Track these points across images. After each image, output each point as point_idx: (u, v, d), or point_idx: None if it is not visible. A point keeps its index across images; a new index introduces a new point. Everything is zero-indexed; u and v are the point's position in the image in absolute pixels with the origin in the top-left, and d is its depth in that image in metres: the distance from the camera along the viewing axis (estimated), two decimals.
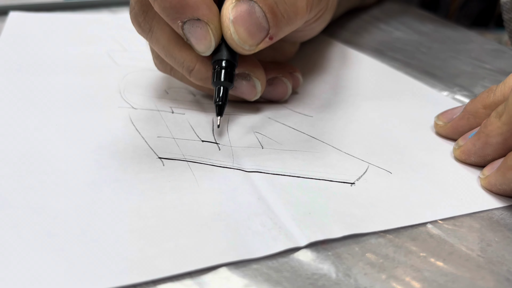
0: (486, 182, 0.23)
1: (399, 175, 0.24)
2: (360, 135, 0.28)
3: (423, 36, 0.51)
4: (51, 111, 0.27)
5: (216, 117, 0.25)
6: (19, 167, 0.22)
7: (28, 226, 0.18)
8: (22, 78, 0.32)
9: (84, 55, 0.37)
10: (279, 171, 0.23)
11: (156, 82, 0.33)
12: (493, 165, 0.24)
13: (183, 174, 0.22)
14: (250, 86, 0.27)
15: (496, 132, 0.23)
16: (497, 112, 0.24)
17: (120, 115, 0.28)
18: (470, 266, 0.17)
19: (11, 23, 0.43)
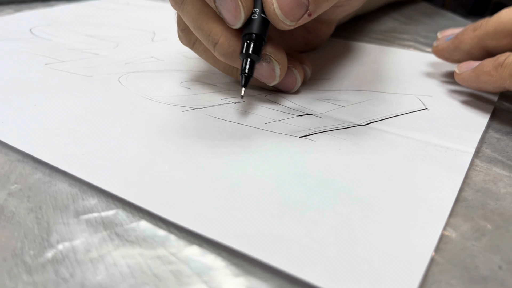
0: (460, 78, 0.28)
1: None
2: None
3: (419, 25, 0.51)
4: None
5: (240, 87, 0.25)
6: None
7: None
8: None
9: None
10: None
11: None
12: (468, 65, 0.28)
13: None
14: (269, 69, 0.26)
15: (466, 42, 0.29)
16: (474, 26, 0.29)
17: (193, 116, 0.26)
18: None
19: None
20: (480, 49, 0.29)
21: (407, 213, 0.18)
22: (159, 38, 0.41)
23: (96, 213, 0.18)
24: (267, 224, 0.17)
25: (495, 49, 0.28)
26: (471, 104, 0.28)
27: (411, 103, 0.28)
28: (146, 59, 0.36)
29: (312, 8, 0.24)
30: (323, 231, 0.17)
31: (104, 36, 0.41)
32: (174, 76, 0.32)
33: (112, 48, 0.37)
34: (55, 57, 0.35)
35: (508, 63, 0.25)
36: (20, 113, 0.25)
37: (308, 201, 0.19)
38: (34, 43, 0.38)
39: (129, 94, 0.28)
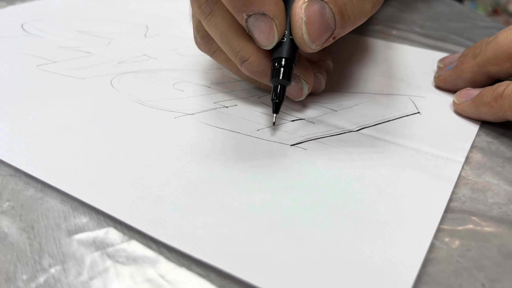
0: (460, 108, 0.27)
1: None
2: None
3: (415, 13, 0.50)
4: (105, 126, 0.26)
5: (272, 114, 0.25)
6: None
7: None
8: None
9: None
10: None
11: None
12: (466, 94, 0.27)
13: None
14: (297, 88, 0.26)
15: (468, 70, 0.28)
16: (473, 53, 0.28)
17: (185, 123, 0.26)
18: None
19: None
20: (483, 75, 0.28)
21: (395, 228, 0.19)
22: (152, 33, 0.40)
23: (88, 231, 0.19)
24: (256, 243, 0.18)
25: (498, 74, 0.27)
26: None
27: (404, 106, 0.28)
28: (138, 57, 0.35)
29: (338, 32, 0.24)
30: (311, 249, 0.18)
31: (97, 32, 0.40)
32: (167, 76, 0.32)
33: (105, 46, 0.37)
34: (47, 57, 0.35)
35: (507, 94, 0.24)
36: (12, 124, 0.25)
37: (298, 216, 0.19)
38: (25, 41, 0.37)
39: (121, 98, 0.28)
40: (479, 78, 0.28)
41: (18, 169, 0.22)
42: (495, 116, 0.25)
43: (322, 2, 0.23)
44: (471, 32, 0.44)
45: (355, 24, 0.24)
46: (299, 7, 0.23)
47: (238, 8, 0.23)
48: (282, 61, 0.24)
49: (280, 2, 0.23)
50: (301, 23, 0.23)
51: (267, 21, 0.23)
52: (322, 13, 0.23)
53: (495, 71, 0.27)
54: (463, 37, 0.42)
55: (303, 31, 0.23)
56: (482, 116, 0.26)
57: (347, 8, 0.23)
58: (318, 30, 0.23)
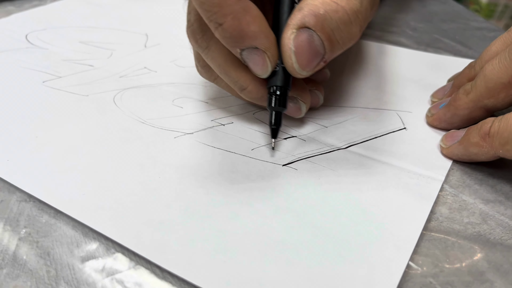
0: (449, 151, 0.27)
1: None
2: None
3: (410, 13, 0.51)
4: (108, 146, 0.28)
5: (271, 139, 0.27)
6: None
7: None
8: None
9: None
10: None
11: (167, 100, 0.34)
12: (453, 136, 0.27)
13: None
14: (296, 108, 0.28)
15: (463, 107, 0.28)
16: (465, 90, 0.28)
17: (184, 143, 0.28)
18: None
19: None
20: (480, 110, 0.27)
21: (376, 250, 0.21)
22: (152, 42, 0.42)
23: (99, 258, 0.21)
24: (250, 269, 0.20)
25: (495, 106, 0.27)
26: None
27: (391, 122, 0.30)
28: (139, 70, 0.37)
29: (328, 56, 0.25)
30: (297, 272, 0.20)
31: (98, 42, 0.42)
32: (166, 91, 0.33)
33: (107, 58, 0.39)
34: (52, 72, 0.36)
35: (494, 132, 0.24)
36: (24, 148, 0.27)
37: (287, 239, 0.21)
38: (30, 54, 0.39)
39: (124, 118, 0.30)
40: (477, 113, 0.27)
41: (32, 195, 0.24)
42: (487, 155, 0.25)
43: (310, 31, 0.24)
44: (462, 35, 0.45)
45: (345, 47, 0.25)
46: (288, 37, 0.24)
47: (232, 44, 0.24)
48: (278, 89, 0.25)
49: (270, 35, 0.24)
50: (291, 53, 0.24)
51: (259, 54, 0.24)
52: (311, 41, 0.24)
53: (491, 104, 0.27)
54: (455, 41, 0.44)
55: (293, 61, 0.24)
56: (473, 157, 0.26)
57: (335, 34, 0.24)
58: (308, 58, 0.24)
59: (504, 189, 0.25)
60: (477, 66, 0.30)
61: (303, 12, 0.24)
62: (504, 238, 0.22)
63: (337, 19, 0.24)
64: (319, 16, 0.23)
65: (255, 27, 0.23)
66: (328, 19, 0.23)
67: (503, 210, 0.24)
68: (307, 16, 0.23)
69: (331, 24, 0.24)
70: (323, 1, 0.24)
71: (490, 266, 0.20)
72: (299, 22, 0.24)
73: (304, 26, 0.24)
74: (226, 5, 0.23)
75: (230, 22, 0.23)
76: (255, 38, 0.24)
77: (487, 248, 0.21)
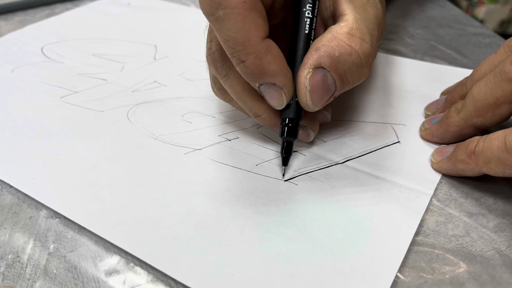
0: (438, 166, 0.29)
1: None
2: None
3: (408, 19, 0.52)
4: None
5: (281, 166, 0.29)
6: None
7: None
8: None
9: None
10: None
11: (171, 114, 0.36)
12: (442, 152, 0.29)
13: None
14: (305, 135, 0.30)
15: (454, 125, 0.30)
16: (456, 108, 0.30)
17: (194, 159, 0.30)
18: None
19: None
20: (470, 128, 0.29)
21: (368, 263, 0.23)
22: (161, 55, 0.44)
23: (120, 271, 0.23)
24: (254, 282, 0.22)
25: (483, 125, 0.29)
26: None
27: (386, 136, 0.32)
28: (150, 84, 0.39)
29: (337, 93, 0.27)
30: (297, 285, 0.22)
31: (110, 55, 0.44)
32: (176, 107, 0.36)
33: (119, 72, 0.41)
34: (68, 87, 0.38)
35: (479, 151, 0.26)
36: (47, 166, 0.29)
37: (288, 252, 0.24)
38: (47, 69, 0.41)
39: (138, 133, 0.33)
40: (466, 131, 0.30)
41: (57, 211, 0.26)
42: (473, 172, 0.27)
43: (325, 71, 0.26)
44: (458, 41, 0.47)
45: (353, 85, 0.27)
46: (304, 76, 0.26)
47: (252, 79, 0.26)
48: (289, 121, 0.27)
49: (288, 73, 0.26)
50: (306, 91, 0.26)
51: (277, 90, 0.26)
52: (324, 80, 0.26)
53: (480, 122, 0.29)
54: (450, 48, 0.45)
55: (307, 98, 0.26)
56: (461, 173, 0.28)
57: (346, 74, 0.26)
58: (321, 96, 0.26)
59: (488, 202, 0.27)
60: (468, 84, 0.32)
61: (319, 52, 0.25)
62: (484, 250, 0.24)
63: (350, 62, 0.26)
64: (334, 58, 0.25)
65: (275, 66, 0.25)
66: (342, 61, 0.25)
67: (485, 222, 0.26)
68: (323, 57, 0.25)
69: (344, 66, 0.26)
70: (338, 44, 0.25)
71: (470, 277, 0.23)
72: (315, 63, 0.25)
73: (320, 66, 0.25)
74: (249, 45, 0.24)
75: (252, 60, 0.24)
76: (275, 76, 0.25)
77: (468, 260, 0.24)
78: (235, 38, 0.24)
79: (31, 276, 0.23)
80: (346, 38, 0.25)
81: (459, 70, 0.41)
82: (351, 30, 0.26)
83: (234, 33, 0.24)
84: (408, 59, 0.43)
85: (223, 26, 0.24)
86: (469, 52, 0.44)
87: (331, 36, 0.26)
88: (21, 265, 0.24)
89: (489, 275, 0.23)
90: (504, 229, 0.25)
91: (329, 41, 0.26)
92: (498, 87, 0.28)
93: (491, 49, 0.45)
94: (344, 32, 0.26)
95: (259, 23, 0.24)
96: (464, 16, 0.53)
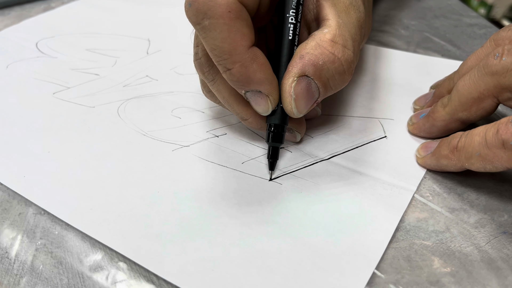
0: (423, 161, 0.29)
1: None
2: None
3: (404, 10, 0.52)
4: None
5: (268, 170, 0.29)
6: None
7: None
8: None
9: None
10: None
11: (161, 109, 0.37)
12: (427, 147, 0.29)
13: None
14: (291, 137, 0.31)
15: (440, 119, 0.30)
16: (442, 103, 0.30)
17: (181, 156, 0.30)
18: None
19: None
20: (455, 122, 0.30)
21: (346, 260, 0.23)
22: (153, 49, 0.44)
23: (104, 267, 0.24)
24: (234, 277, 0.23)
25: (468, 119, 0.29)
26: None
27: (373, 130, 0.32)
28: (141, 79, 0.39)
29: (321, 98, 0.27)
30: (276, 281, 0.23)
31: (103, 49, 0.44)
32: (166, 101, 0.36)
33: (111, 66, 0.41)
34: (61, 82, 0.39)
35: (461, 147, 0.26)
36: (37, 164, 0.30)
37: (268, 249, 0.24)
38: (41, 64, 0.42)
39: (127, 130, 0.33)
40: (453, 125, 0.30)
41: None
42: (456, 167, 0.27)
43: (309, 79, 0.26)
44: (453, 33, 0.46)
45: (336, 91, 0.28)
46: (289, 85, 0.26)
47: (238, 87, 0.26)
48: (275, 127, 0.28)
49: (274, 80, 0.26)
50: (291, 99, 0.26)
51: (262, 97, 0.26)
52: (309, 88, 0.26)
53: (465, 117, 0.29)
54: (445, 39, 0.45)
55: (292, 106, 0.27)
56: (444, 168, 0.28)
57: (329, 81, 0.27)
58: (306, 103, 0.27)
59: (470, 198, 0.27)
60: (455, 78, 0.32)
61: (303, 61, 0.26)
62: (463, 246, 0.24)
63: (333, 69, 0.26)
64: (318, 66, 0.26)
65: (261, 74, 0.25)
66: (326, 69, 0.26)
67: (467, 218, 0.26)
68: (307, 65, 0.26)
69: (328, 73, 0.26)
70: (322, 52, 0.26)
71: (447, 273, 0.23)
72: (299, 71, 0.26)
73: (304, 74, 0.26)
74: (235, 54, 0.24)
75: (238, 69, 0.25)
76: (260, 84, 0.26)
77: (446, 256, 0.24)
78: (221, 47, 0.24)
79: (18, 271, 0.24)
80: (330, 46, 0.26)
81: (451, 62, 0.40)
82: (334, 37, 0.26)
83: (220, 43, 0.24)
84: (399, 51, 0.43)
85: (209, 35, 0.24)
86: (464, 44, 0.44)
87: (315, 44, 0.26)
88: (9, 260, 0.24)
89: (466, 271, 0.23)
90: (485, 225, 0.26)
91: (313, 49, 0.26)
92: (482, 81, 0.28)
93: (485, 40, 0.45)
94: (327, 39, 0.26)
95: (244, 32, 0.24)
96: (461, 6, 0.53)
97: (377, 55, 0.42)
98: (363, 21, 0.29)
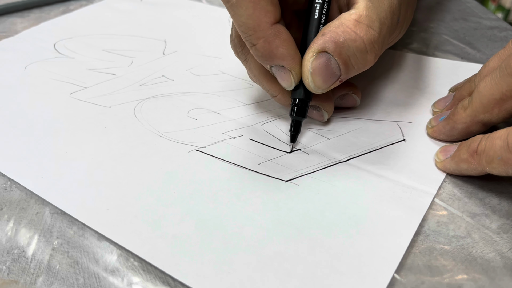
0: (442, 165, 0.29)
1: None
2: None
3: (424, 12, 0.51)
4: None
5: (290, 142, 0.31)
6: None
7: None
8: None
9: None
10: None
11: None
12: (446, 151, 0.29)
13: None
14: (319, 115, 0.32)
15: (461, 121, 0.29)
16: (463, 105, 0.30)
17: (197, 158, 0.30)
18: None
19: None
20: (477, 124, 0.29)
21: (365, 262, 0.23)
22: (170, 50, 0.44)
23: (119, 269, 0.24)
24: (250, 280, 0.22)
25: (490, 121, 0.28)
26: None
27: (391, 134, 0.32)
28: (158, 78, 0.39)
29: (343, 77, 0.28)
30: (293, 284, 0.22)
31: (120, 50, 0.44)
32: (183, 102, 0.36)
33: (127, 66, 0.41)
34: (78, 82, 0.39)
35: (481, 151, 0.26)
36: (55, 165, 0.30)
37: (285, 251, 0.24)
38: (58, 65, 0.42)
39: (143, 130, 0.33)
40: (473, 128, 0.29)
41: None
42: (476, 171, 0.27)
43: (328, 55, 0.27)
44: (472, 35, 0.46)
45: (359, 71, 0.28)
46: (308, 60, 0.27)
47: (263, 61, 0.28)
48: (298, 102, 0.29)
49: (296, 55, 0.28)
50: (308, 74, 0.27)
51: (285, 72, 0.28)
52: (328, 64, 0.27)
53: (487, 119, 0.28)
54: (464, 42, 0.44)
55: (309, 80, 0.28)
56: (464, 172, 0.28)
57: (351, 60, 0.27)
58: (324, 78, 0.28)
59: (492, 203, 0.27)
60: (476, 80, 0.32)
61: (325, 38, 0.27)
62: (485, 252, 0.24)
63: (354, 48, 0.27)
64: (338, 43, 0.27)
65: (283, 50, 0.27)
66: (346, 46, 0.27)
67: (488, 223, 0.25)
68: (327, 42, 0.27)
69: (348, 51, 0.27)
70: (344, 30, 0.27)
71: (468, 279, 0.23)
72: (319, 47, 0.27)
73: (324, 50, 0.27)
74: (259, 30, 0.26)
75: (262, 44, 0.27)
76: (283, 59, 0.27)
77: (467, 262, 0.23)
78: (246, 24, 0.26)
79: (35, 270, 0.24)
80: (353, 25, 0.27)
81: (470, 65, 0.40)
82: (360, 17, 0.27)
83: (246, 19, 0.26)
84: (418, 55, 0.42)
85: (237, 12, 0.26)
86: (484, 46, 0.43)
87: (339, 23, 0.27)
88: (26, 259, 0.24)
89: (488, 277, 0.23)
90: (508, 231, 0.25)
91: (336, 27, 0.27)
92: (504, 81, 0.27)
93: (506, 43, 0.44)
94: (352, 19, 0.27)
95: (268, 9, 0.26)
96: (481, 8, 0.52)
97: (394, 58, 0.41)
98: (396, 7, 0.29)
